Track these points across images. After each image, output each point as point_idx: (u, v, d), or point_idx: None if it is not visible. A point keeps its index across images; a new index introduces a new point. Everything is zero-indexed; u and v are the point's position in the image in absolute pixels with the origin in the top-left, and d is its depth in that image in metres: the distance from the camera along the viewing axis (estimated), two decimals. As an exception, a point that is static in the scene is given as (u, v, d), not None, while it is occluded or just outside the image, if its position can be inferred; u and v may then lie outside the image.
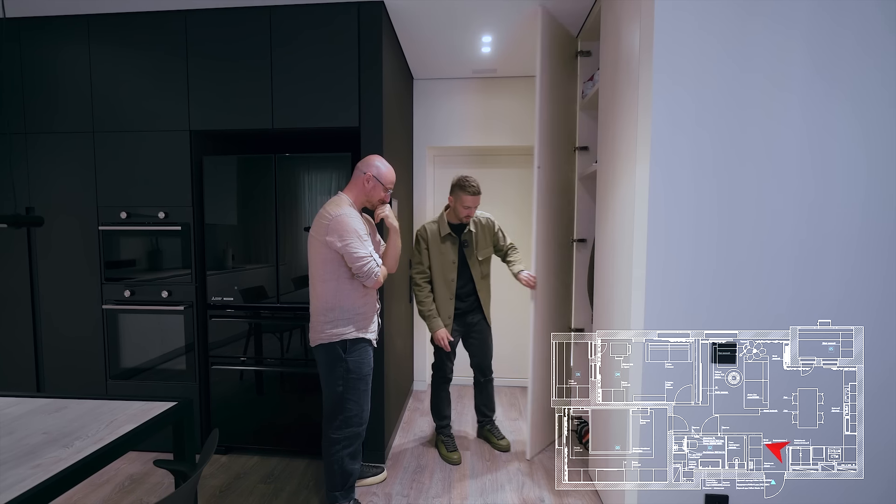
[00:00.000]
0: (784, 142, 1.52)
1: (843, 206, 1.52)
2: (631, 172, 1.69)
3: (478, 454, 2.48)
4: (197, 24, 2.30)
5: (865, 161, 1.51)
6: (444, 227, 2.36)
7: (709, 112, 1.53)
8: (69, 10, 2.31)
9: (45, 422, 1.28)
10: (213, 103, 2.32)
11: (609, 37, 2.02)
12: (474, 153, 3.44)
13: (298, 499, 2.05)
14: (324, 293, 1.77)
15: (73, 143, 2.38)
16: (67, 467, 1.04)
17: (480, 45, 2.74)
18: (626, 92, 1.77)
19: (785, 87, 1.50)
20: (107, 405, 1.41)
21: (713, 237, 1.55)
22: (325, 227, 1.74)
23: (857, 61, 1.48)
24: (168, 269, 2.40)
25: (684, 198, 1.56)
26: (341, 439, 1.79)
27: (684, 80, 1.53)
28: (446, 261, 2.35)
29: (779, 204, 1.53)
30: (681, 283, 1.56)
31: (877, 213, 1.51)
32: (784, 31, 1.49)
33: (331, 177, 2.33)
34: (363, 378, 1.82)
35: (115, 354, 2.44)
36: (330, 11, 2.23)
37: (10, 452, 1.11)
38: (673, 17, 1.51)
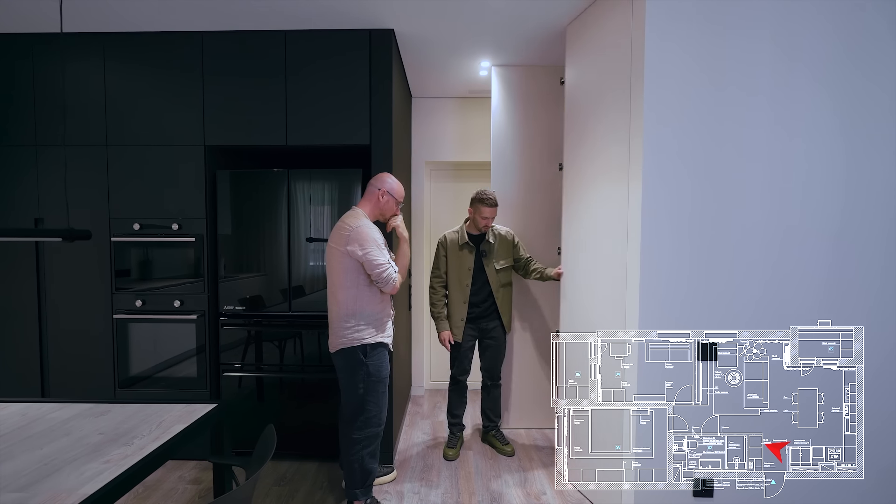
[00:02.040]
0: (783, 144, 1.58)
1: (844, 206, 1.56)
2: (619, 189, 1.84)
3: (480, 453, 2.62)
4: (212, 44, 2.40)
5: (860, 165, 1.57)
6: (463, 236, 2.54)
7: (696, 116, 1.64)
8: (84, 27, 2.38)
9: (95, 424, 1.36)
10: (228, 120, 2.42)
11: (575, 66, 2.26)
12: (470, 168, 3.63)
13: (314, 499, 2.14)
14: (345, 300, 1.90)
15: (86, 156, 2.43)
16: (138, 461, 1.13)
17: (479, 68, 2.94)
18: (604, 116, 1.96)
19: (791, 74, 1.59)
20: (150, 408, 1.49)
21: (711, 239, 1.59)
22: (345, 238, 1.87)
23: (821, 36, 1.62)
24: (180, 279, 2.47)
25: (678, 203, 1.64)
26: (361, 439, 1.91)
27: (668, 112, 1.68)
28: (462, 267, 2.52)
29: (779, 204, 1.56)
30: (675, 286, 1.63)
31: (877, 212, 1.55)
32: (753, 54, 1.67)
33: (341, 191, 2.46)
34: (382, 380, 1.94)
35: (124, 362, 2.48)
36: (343, 37, 2.38)
37: (76, 451, 1.19)
38: (660, 49, 1.65)
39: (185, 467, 2.41)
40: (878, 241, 1.58)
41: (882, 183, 1.60)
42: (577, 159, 2.26)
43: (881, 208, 1.58)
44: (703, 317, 1.61)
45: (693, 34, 1.65)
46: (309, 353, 2.50)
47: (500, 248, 2.59)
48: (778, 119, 1.63)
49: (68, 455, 1.17)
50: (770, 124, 1.63)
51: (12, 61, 2.42)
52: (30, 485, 1.03)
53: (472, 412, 3.08)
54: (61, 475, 1.07)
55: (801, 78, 1.63)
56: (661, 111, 1.67)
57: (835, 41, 1.62)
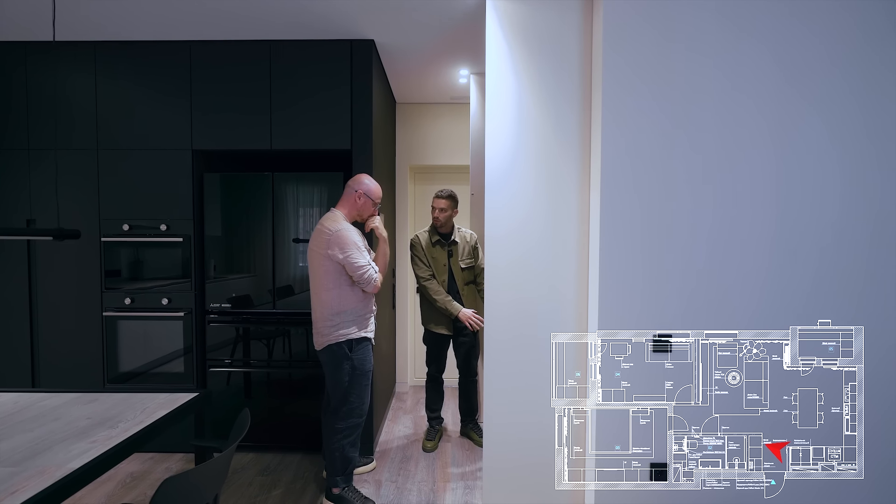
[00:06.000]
0: (782, 135, 1.56)
1: (844, 206, 1.55)
2: (577, 196, 1.82)
3: (459, 445, 2.73)
4: (200, 52, 2.51)
5: (865, 162, 1.56)
6: (433, 234, 2.66)
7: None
8: (77, 36, 2.48)
9: (84, 410, 1.46)
10: (215, 125, 2.52)
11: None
12: (452, 171, 3.75)
13: (296, 487, 2.24)
14: (328, 300, 2.00)
15: (77, 160, 2.53)
16: (121, 441, 1.23)
17: (458, 76, 3.06)
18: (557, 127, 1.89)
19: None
20: (136, 396, 1.59)
21: (710, 239, 1.58)
22: (325, 242, 1.97)
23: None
24: (168, 279, 2.56)
25: (676, 201, 1.61)
26: (344, 429, 2.01)
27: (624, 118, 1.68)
28: (438, 264, 2.65)
29: (779, 203, 1.56)
30: (678, 285, 1.60)
31: (877, 212, 1.56)
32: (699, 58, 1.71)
33: (323, 193, 2.57)
34: (365, 374, 2.05)
35: (113, 359, 2.57)
36: (325, 47, 2.50)
37: (64, 432, 1.29)
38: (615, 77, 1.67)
39: (172, 459, 2.50)
40: (879, 240, 1.57)
41: (882, 180, 1.57)
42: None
43: (882, 206, 1.56)
44: (707, 316, 1.59)
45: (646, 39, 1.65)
46: (294, 350, 2.60)
47: (463, 248, 2.71)
48: (775, 115, 1.60)
49: (58, 436, 1.27)
50: (767, 119, 1.60)
51: (9, 69, 2.52)
52: (23, 460, 1.12)
53: (452, 407, 3.18)
54: (51, 453, 1.17)
55: (803, 72, 1.59)
56: (618, 110, 1.66)
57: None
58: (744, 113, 1.63)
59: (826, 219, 1.57)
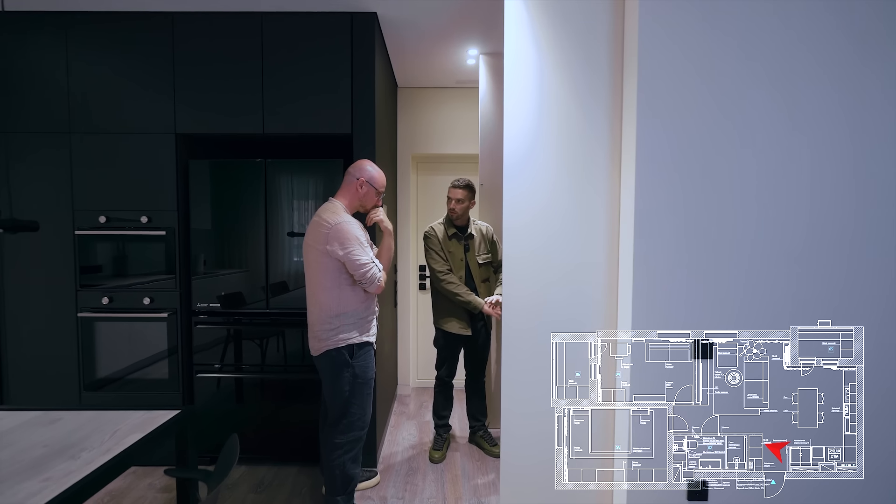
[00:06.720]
0: (786, 138, 1.52)
1: (844, 206, 1.52)
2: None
3: (468, 455, 2.54)
4: (184, 25, 2.26)
5: (863, 162, 1.53)
6: (448, 227, 2.45)
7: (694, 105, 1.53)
8: (45, 6, 2.22)
9: (42, 434, 1.24)
10: (201, 106, 2.28)
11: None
12: (457, 160, 3.52)
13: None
14: (327, 301, 1.78)
15: (45, 144, 2.27)
16: (80, 480, 1.02)
17: (466, 57, 2.83)
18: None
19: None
20: (106, 415, 1.37)
21: (710, 240, 1.54)
22: (324, 236, 1.75)
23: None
24: (150, 275, 2.33)
25: (672, 202, 1.55)
26: (344, 443, 1.80)
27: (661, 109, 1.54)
28: (455, 259, 2.43)
29: (776, 205, 1.52)
30: (672, 285, 1.55)
31: (877, 212, 1.53)
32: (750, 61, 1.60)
33: (320, 182, 2.34)
34: (367, 382, 1.84)
35: (90, 364, 2.34)
36: (323, 20, 2.25)
37: (13, 466, 1.07)
38: (652, 74, 1.53)
39: (155, 474, 2.28)
40: (879, 240, 1.56)
41: (887, 182, 1.56)
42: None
43: (885, 207, 1.56)
44: (704, 317, 1.57)
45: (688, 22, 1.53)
46: (289, 352, 2.38)
47: (481, 243, 2.50)
48: (780, 112, 1.55)
49: (3, 472, 1.05)
50: (771, 117, 1.55)
51: (-35, 41, 2.25)
52: (-48, 508, 0.91)
53: (459, 412, 2.99)
54: (-10, 496, 0.95)
55: (804, 69, 1.54)
56: (655, 102, 1.55)
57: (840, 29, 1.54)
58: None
59: (826, 218, 1.54)
